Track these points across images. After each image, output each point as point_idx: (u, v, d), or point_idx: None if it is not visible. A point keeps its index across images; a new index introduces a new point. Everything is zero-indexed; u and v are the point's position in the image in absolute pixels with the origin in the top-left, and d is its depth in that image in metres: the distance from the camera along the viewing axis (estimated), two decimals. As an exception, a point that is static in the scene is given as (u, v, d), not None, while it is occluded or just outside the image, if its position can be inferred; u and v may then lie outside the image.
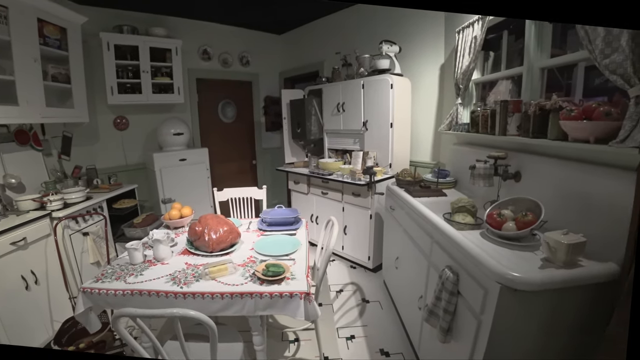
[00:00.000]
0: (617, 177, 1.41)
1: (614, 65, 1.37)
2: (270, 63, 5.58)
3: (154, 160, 3.92)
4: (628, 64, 1.31)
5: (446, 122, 3.05)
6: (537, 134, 1.86)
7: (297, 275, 1.73)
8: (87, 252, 2.87)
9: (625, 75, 1.34)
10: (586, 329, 1.35)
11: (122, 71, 3.86)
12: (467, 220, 1.85)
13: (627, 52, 1.30)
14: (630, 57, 1.30)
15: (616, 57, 1.36)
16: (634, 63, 1.30)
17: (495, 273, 1.27)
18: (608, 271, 1.30)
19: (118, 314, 1.28)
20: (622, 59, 1.33)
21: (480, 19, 2.51)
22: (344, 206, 3.64)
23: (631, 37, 1.29)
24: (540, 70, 2.18)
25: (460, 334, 1.57)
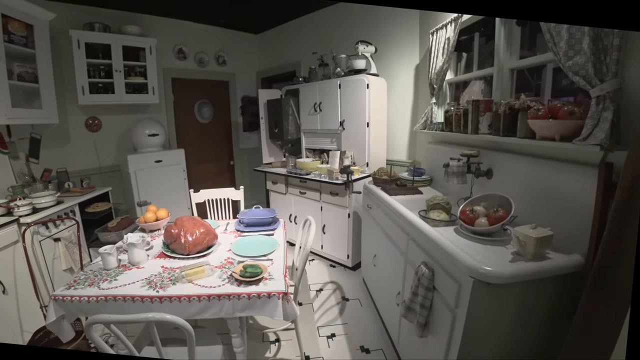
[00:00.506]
0: (581, 173, 1.48)
1: (576, 67, 1.44)
2: (247, 63, 5.55)
3: (129, 162, 3.83)
4: (589, 65, 1.37)
5: (421, 121, 3.11)
6: (507, 132, 1.93)
7: (275, 276, 1.72)
8: (59, 259, 2.78)
9: (586, 76, 1.40)
10: (555, 319, 1.41)
11: (94, 70, 3.74)
12: (441, 217, 1.89)
13: (588, 55, 1.37)
14: (591, 60, 1.36)
15: (578, 59, 1.43)
16: (595, 65, 1.36)
17: (468, 268, 1.31)
18: (573, 263, 1.37)
19: (91, 321, 1.25)
20: (584, 61, 1.39)
21: (453, 20, 2.58)
22: (322, 205, 3.66)
23: (592, 40, 1.35)
24: (509, 71, 2.26)
25: (436, 328, 1.61)
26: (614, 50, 1.31)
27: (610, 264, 1.15)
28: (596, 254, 1.24)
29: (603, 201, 1.30)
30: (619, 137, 1.34)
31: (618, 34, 1.29)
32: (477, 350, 1.42)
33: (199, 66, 4.98)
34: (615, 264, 1.13)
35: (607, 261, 1.17)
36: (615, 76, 1.33)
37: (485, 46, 2.64)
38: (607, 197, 1.28)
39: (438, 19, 2.86)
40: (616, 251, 1.13)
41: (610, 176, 1.30)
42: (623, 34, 1.29)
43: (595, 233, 1.31)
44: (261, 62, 5.62)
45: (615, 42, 1.30)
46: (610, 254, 1.16)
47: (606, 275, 1.17)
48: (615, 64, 1.33)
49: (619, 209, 1.14)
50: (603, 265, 1.19)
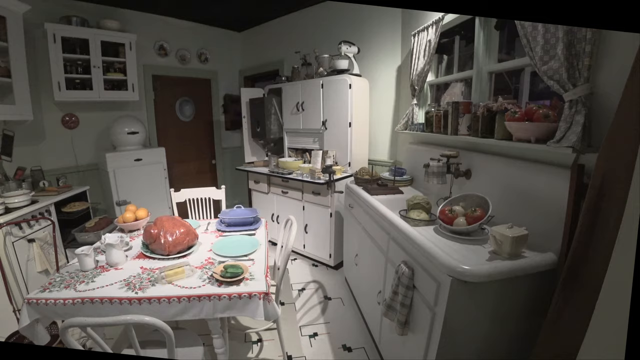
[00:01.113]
0: (554, 174, 1.53)
1: (551, 72, 1.49)
2: (230, 61, 5.50)
3: (107, 161, 3.74)
4: (563, 70, 1.42)
5: (402, 121, 3.15)
6: (485, 133, 1.97)
7: (256, 276, 1.72)
8: (33, 260, 2.69)
9: (560, 81, 1.45)
10: (531, 315, 1.45)
11: (71, 66, 3.63)
12: (421, 216, 1.93)
13: (562, 60, 1.42)
14: (564, 65, 1.41)
15: (553, 64, 1.48)
16: (568, 70, 1.41)
17: (446, 266, 1.34)
18: (547, 261, 1.42)
19: (66, 325, 1.22)
20: (558, 66, 1.44)
21: (434, 23, 2.62)
22: (304, 205, 3.66)
23: (565, 46, 1.40)
24: (488, 74, 2.31)
25: (416, 326, 1.64)
26: (586, 56, 1.36)
27: (581, 262, 1.20)
28: (568, 252, 1.29)
29: (575, 201, 1.35)
30: (590, 140, 1.40)
31: (590, 40, 1.34)
32: (456, 347, 1.45)
33: (181, 63, 4.90)
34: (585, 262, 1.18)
35: (578, 259, 1.22)
36: (587, 81, 1.38)
37: (465, 49, 2.70)
38: (579, 198, 1.33)
39: (420, 21, 2.90)
40: (586, 250, 1.18)
41: (582, 177, 1.35)
42: (594, 40, 1.34)
43: (568, 232, 1.36)
44: (244, 60, 5.57)
45: (587, 49, 1.35)
46: (580, 252, 1.21)
47: (577, 273, 1.22)
48: (587, 70, 1.38)
49: (589, 209, 1.18)
50: (574, 263, 1.23)
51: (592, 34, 1.33)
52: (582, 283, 1.16)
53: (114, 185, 3.79)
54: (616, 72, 1.30)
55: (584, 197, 1.25)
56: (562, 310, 1.27)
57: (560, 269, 1.35)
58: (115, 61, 3.90)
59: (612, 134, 1.11)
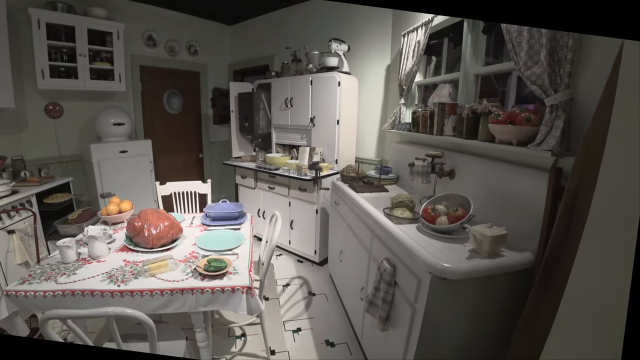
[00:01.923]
0: (534, 176, 1.57)
1: (534, 77, 1.52)
2: (220, 54, 5.45)
3: (92, 152, 3.66)
4: (545, 76, 1.46)
5: (390, 120, 3.18)
6: (469, 135, 2.01)
7: (240, 270, 1.73)
8: (13, 252, 2.63)
9: (542, 86, 1.49)
10: (510, 312, 1.49)
11: (56, 53, 3.53)
12: (405, 214, 1.96)
13: (544, 66, 1.45)
14: (547, 70, 1.45)
15: (536, 69, 1.51)
16: (550, 76, 1.45)
17: (426, 264, 1.37)
18: (525, 260, 1.46)
19: (46, 317, 1.21)
20: (541, 71, 1.48)
21: (423, 24, 2.64)
22: (290, 201, 3.67)
23: (548, 52, 1.44)
24: (474, 77, 2.34)
25: (397, 322, 1.67)
26: (567, 63, 1.40)
27: (556, 262, 1.24)
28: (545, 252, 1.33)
29: (552, 203, 1.39)
30: (568, 144, 1.44)
31: (571, 48, 1.38)
32: (436, 343, 1.49)
33: (170, 55, 4.84)
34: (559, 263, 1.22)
35: (553, 259, 1.26)
36: (567, 87, 1.43)
37: (454, 51, 2.73)
38: (556, 200, 1.37)
39: (410, 22, 2.92)
40: (561, 250, 1.22)
41: (560, 180, 1.39)
42: (576, 48, 1.38)
43: (545, 233, 1.41)
44: (233, 54, 5.53)
45: (569, 56, 1.39)
46: (556, 252, 1.25)
47: (552, 273, 1.26)
48: (568, 76, 1.42)
49: (565, 210, 1.22)
50: (549, 263, 1.27)
51: (573, 41, 1.37)
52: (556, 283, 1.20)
53: (98, 177, 3.72)
54: (595, 80, 1.34)
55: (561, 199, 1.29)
56: (537, 309, 1.31)
57: (537, 268, 1.39)
58: (102, 50, 3.82)
59: (587, 139, 1.15)
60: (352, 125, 3.71)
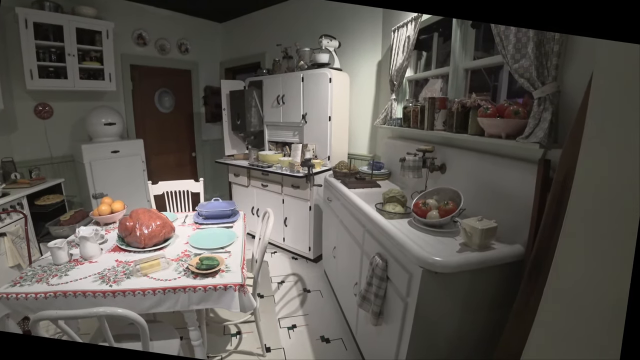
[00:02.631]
0: (523, 169, 1.58)
1: (521, 70, 1.53)
2: (211, 52, 5.41)
3: (83, 152, 3.63)
4: (532, 69, 1.46)
5: (381, 116, 3.18)
6: (459, 129, 2.01)
7: (232, 268, 1.72)
8: (4, 255, 2.61)
9: (530, 79, 1.49)
10: (501, 305, 1.50)
11: (44, 53, 3.49)
12: (397, 209, 1.96)
13: (532, 59, 1.46)
14: (534, 63, 1.45)
15: (524, 62, 1.52)
16: (537, 68, 1.45)
17: (417, 258, 1.37)
18: (515, 252, 1.47)
19: (37, 318, 1.20)
20: (528, 64, 1.48)
21: (413, 19, 2.64)
22: (284, 198, 3.66)
23: (535, 45, 1.44)
24: (464, 71, 2.35)
25: (390, 317, 1.68)
26: (554, 56, 1.41)
27: (544, 254, 1.25)
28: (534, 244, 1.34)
29: (541, 195, 1.40)
30: (556, 136, 1.45)
31: (558, 41, 1.38)
32: (428, 336, 1.49)
33: (160, 53, 4.79)
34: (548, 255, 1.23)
35: (542, 251, 1.27)
36: (554, 80, 1.43)
37: (443, 46, 2.73)
38: (545, 192, 1.38)
39: (400, 17, 2.92)
40: (549, 241, 1.23)
41: (548, 172, 1.40)
42: (562, 41, 1.38)
43: (534, 225, 1.41)
44: (225, 52, 5.49)
45: (556, 49, 1.40)
46: (545, 244, 1.26)
47: (541, 265, 1.27)
48: (555, 69, 1.42)
49: (553, 202, 1.23)
50: (538, 254, 1.28)
51: (560, 34, 1.38)
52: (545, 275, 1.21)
53: (90, 178, 3.69)
54: (581, 72, 1.35)
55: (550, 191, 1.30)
56: (526, 301, 1.32)
57: (527, 259, 1.40)
58: (91, 49, 3.78)
59: (574, 131, 1.15)
60: (344, 121, 3.70)
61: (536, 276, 1.29)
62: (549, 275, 1.02)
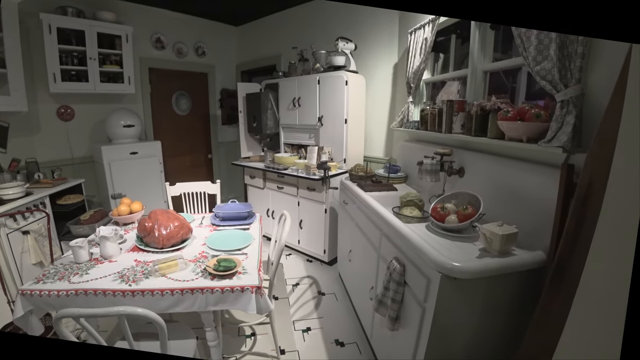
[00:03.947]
0: (545, 173, 1.54)
1: (543, 72, 1.50)
2: (227, 55, 5.48)
3: (103, 154, 3.73)
4: (555, 71, 1.43)
5: (398, 119, 3.16)
6: (478, 132, 1.99)
7: (249, 270, 1.74)
8: (27, 252, 2.68)
9: (552, 81, 1.46)
10: (520, 312, 1.47)
11: (67, 57, 3.60)
12: (414, 213, 1.94)
13: (554, 61, 1.43)
14: (557, 65, 1.42)
15: (546, 64, 1.49)
16: (560, 71, 1.43)
17: (436, 263, 1.36)
18: (536, 259, 1.44)
19: (59, 315, 1.23)
20: (551, 66, 1.46)
21: (430, 21, 2.62)
22: (299, 200, 3.67)
23: (558, 47, 1.41)
24: (483, 73, 2.32)
25: (407, 322, 1.66)
26: (578, 58, 1.38)
27: (567, 261, 1.22)
28: (556, 251, 1.31)
29: (564, 201, 1.36)
30: (580, 140, 1.41)
31: (582, 42, 1.35)
32: (446, 342, 1.47)
33: (177, 56, 4.88)
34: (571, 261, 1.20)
35: (565, 258, 1.23)
36: (578, 82, 1.40)
37: (461, 48, 2.70)
38: (568, 197, 1.35)
39: (417, 19, 2.90)
40: (573, 249, 1.20)
41: (572, 177, 1.36)
42: (586, 42, 1.35)
43: (556, 231, 1.38)
44: (241, 54, 5.55)
45: (579, 50, 1.37)
46: (568, 251, 1.23)
47: (564, 272, 1.24)
48: (578, 71, 1.39)
49: (577, 208, 1.20)
50: (561, 262, 1.25)
51: (584, 35, 1.35)
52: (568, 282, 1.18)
53: (109, 178, 3.78)
54: (607, 74, 1.31)
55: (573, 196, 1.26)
56: (548, 308, 1.29)
57: (548, 267, 1.37)
58: (111, 53, 3.88)
59: (599, 135, 1.13)
60: (360, 124, 3.69)
61: (558, 283, 1.26)
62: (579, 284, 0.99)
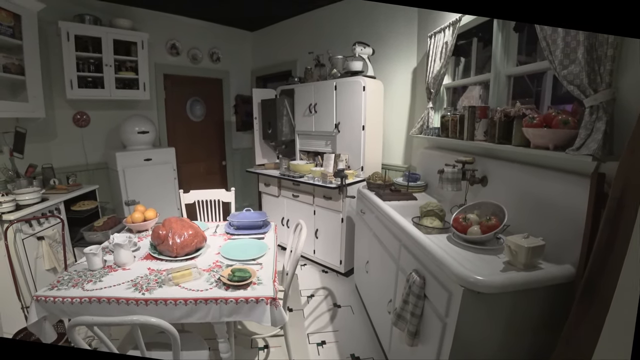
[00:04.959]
0: (573, 183, 1.51)
1: (571, 76, 1.48)
2: (242, 60, 5.58)
3: (117, 160, 3.82)
4: (583, 75, 1.41)
5: (417, 125, 3.15)
6: (502, 139, 1.96)
7: (264, 280, 1.74)
8: (42, 258, 2.76)
9: (581, 86, 1.44)
10: (547, 328, 1.44)
11: (83, 64, 3.73)
12: (434, 224, 1.93)
13: (582, 64, 1.41)
14: (585, 69, 1.40)
15: (573, 68, 1.47)
16: (589, 75, 1.40)
17: (458, 276, 1.34)
18: (565, 273, 1.40)
19: (74, 323, 1.26)
20: (579, 70, 1.43)
21: (451, 24, 2.61)
22: (315, 209, 3.68)
23: (586, 50, 1.39)
24: (506, 78, 2.29)
25: (427, 337, 1.64)
26: (608, 61, 1.35)
27: (599, 276, 1.19)
28: (587, 265, 1.27)
29: (594, 212, 1.33)
30: (611, 148, 1.38)
31: (612, 44, 1.33)
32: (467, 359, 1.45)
33: (192, 62, 4.99)
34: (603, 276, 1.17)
35: (596, 273, 1.20)
36: (609, 87, 1.37)
37: (483, 51, 2.69)
38: (599, 208, 1.32)
39: (436, 23, 2.90)
40: (605, 263, 1.17)
41: (602, 187, 1.33)
42: (617, 44, 1.33)
43: (587, 244, 1.35)
44: (256, 60, 5.64)
45: (609, 53, 1.34)
46: (599, 265, 1.19)
47: (595, 287, 1.20)
48: (609, 75, 1.37)
49: (609, 220, 1.17)
50: (592, 276, 1.22)
51: (614, 37, 1.33)
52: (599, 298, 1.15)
53: (123, 185, 3.87)
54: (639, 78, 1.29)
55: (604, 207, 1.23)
56: (577, 326, 1.25)
57: (578, 282, 1.33)
58: (126, 60, 4.00)
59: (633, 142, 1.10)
60: (378, 130, 3.69)
61: (589, 299, 1.22)
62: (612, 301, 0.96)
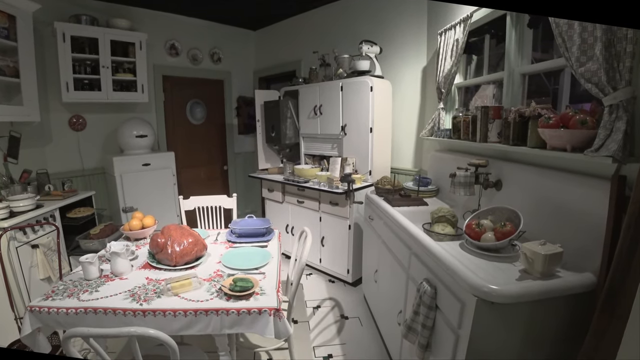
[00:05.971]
0: (592, 186, 1.51)
1: (589, 74, 1.47)
2: (244, 61, 5.62)
3: (114, 165, 3.85)
4: (602, 72, 1.41)
5: (428, 127, 3.15)
6: (517, 141, 1.96)
7: (267, 290, 1.75)
8: (36, 267, 2.79)
9: (599, 84, 1.43)
10: (567, 339, 1.42)
11: (80, 66, 3.78)
12: (446, 230, 1.92)
13: (600, 61, 1.40)
14: (603, 66, 1.40)
15: (591, 65, 1.46)
16: (607, 72, 1.40)
17: (471, 285, 1.33)
18: (585, 282, 1.39)
19: (69, 335, 1.27)
20: (597, 67, 1.43)
21: (462, 21, 2.62)
22: (321, 216, 3.68)
23: (604, 46, 1.39)
24: (521, 76, 2.29)
25: (438, 350, 1.63)
26: (628, 57, 1.35)
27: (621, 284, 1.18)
28: (608, 272, 1.26)
29: (615, 216, 1.32)
30: (632, 149, 1.38)
31: (631, 39, 1.32)
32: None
33: (192, 63, 5.04)
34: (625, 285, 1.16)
35: (618, 281, 1.19)
36: (629, 84, 1.36)
37: (496, 49, 2.69)
38: (620, 212, 1.30)
39: (447, 19, 2.91)
40: (627, 271, 1.16)
41: (623, 190, 1.32)
42: (637, 40, 1.32)
43: (608, 250, 1.34)
44: (258, 60, 5.68)
45: (629, 49, 1.34)
46: (621, 273, 1.18)
47: (617, 296, 1.19)
48: (628, 72, 1.36)
49: (631, 224, 1.16)
50: (614, 285, 1.21)
51: (634, 32, 1.32)
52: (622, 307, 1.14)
53: (120, 191, 3.89)
54: (662, 75, 1.28)
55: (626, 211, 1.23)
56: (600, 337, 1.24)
57: (599, 290, 1.32)
58: (124, 61, 4.05)
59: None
60: (387, 133, 3.70)
61: (611, 309, 1.21)
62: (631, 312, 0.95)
